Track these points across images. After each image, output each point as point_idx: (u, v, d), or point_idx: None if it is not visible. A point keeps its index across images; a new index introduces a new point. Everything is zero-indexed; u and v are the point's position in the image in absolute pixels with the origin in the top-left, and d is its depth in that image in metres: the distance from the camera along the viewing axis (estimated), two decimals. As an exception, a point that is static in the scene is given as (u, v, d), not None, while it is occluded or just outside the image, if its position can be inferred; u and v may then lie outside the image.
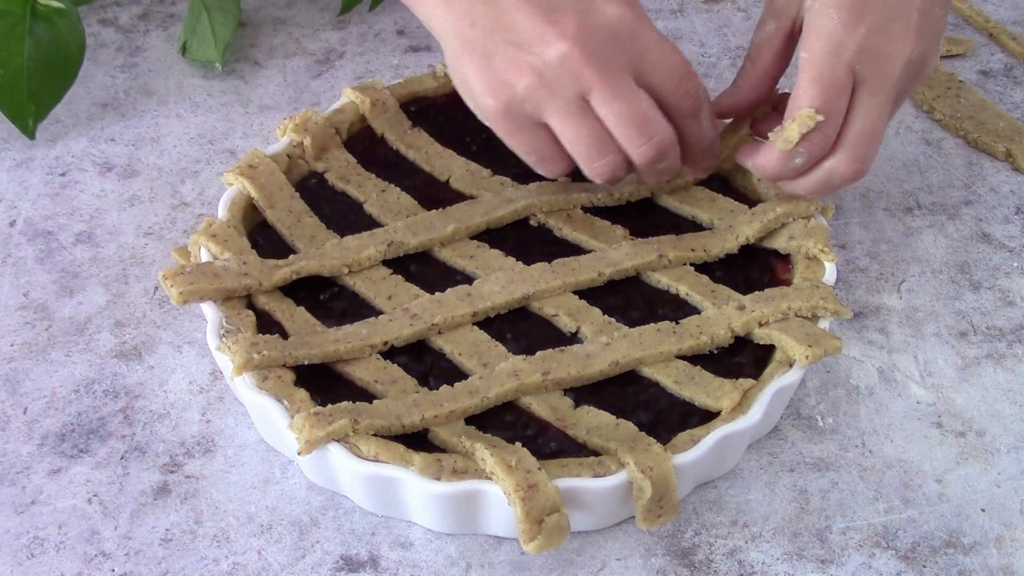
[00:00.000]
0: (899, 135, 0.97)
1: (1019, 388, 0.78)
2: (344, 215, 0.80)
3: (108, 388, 0.76)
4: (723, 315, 0.73)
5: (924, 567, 0.69)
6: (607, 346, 0.71)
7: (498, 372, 0.70)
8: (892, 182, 0.92)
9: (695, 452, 0.66)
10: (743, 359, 0.73)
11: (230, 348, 0.68)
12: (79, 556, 0.68)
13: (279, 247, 0.77)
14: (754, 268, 0.78)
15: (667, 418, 0.70)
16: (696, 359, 0.72)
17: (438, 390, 0.69)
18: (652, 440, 0.67)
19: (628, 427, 0.68)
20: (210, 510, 0.70)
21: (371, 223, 0.79)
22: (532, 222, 0.80)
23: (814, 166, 0.74)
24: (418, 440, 0.67)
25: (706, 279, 0.76)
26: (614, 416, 0.69)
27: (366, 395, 0.69)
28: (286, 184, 0.80)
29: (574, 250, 0.78)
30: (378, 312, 0.74)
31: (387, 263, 0.77)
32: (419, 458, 0.65)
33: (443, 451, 0.67)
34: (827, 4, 0.72)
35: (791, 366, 0.71)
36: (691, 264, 0.77)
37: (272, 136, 0.94)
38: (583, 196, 0.80)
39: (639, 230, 0.79)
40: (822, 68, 0.71)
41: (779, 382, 0.70)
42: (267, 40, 1.04)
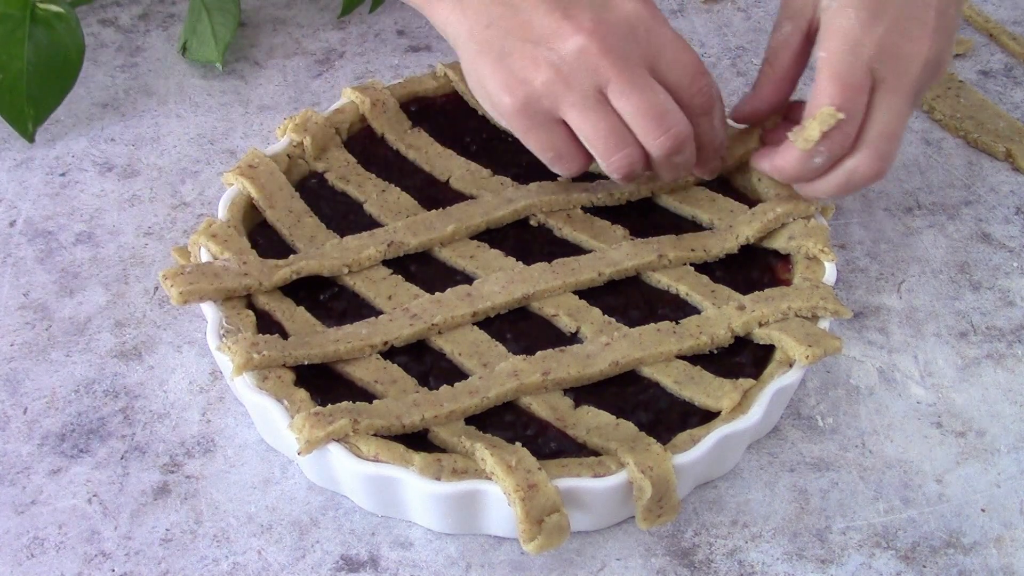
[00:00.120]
0: (899, 135, 0.97)
1: (1019, 388, 0.78)
2: (344, 215, 0.80)
3: (108, 388, 0.76)
4: (723, 315, 0.73)
5: (924, 567, 0.69)
6: (607, 346, 0.71)
7: (498, 372, 0.70)
8: (892, 182, 0.92)
9: (695, 452, 0.66)
10: (743, 359, 0.73)
11: (230, 348, 0.68)
12: (79, 556, 0.68)
13: (279, 247, 0.77)
14: (754, 268, 0.78)
15: (667, 418, 0.70)
16: (696, 359, 0.72)
17: (438, 390, 0.69)
18: (652, 440, 0.67)
19: (628, 427, 0.68)
20: (210, 510, 0.70)
21: (371, 223, 0.79)
22: (532, 222, 0.80)
23: (833, 166, 0.74)
24: (418, 440, 0.67)
25: (706, 279, 0.76)
26: (614, 416, 0.69)
27: (366, 395, 0.69)
28: (286, 184, 0.80)
29: (574, 250, 0.78)
30: (378, 312, 0.74)
31: (387, 263, 0.77)
32: (419, 458, 0.65)
33: (443, 451, 0.67)
34: (845, 4, 0.72)
35: (791, 366, 0.71)
36: (691, 264, 0.77)
37: (272, 136, 0.94)
38: (583, 196, 0.80)
39: (639, 230, 0.79)
40: (841, 67, 0.71)
41: (779, 382, 0.70)
42: (267, 40, 1.04)
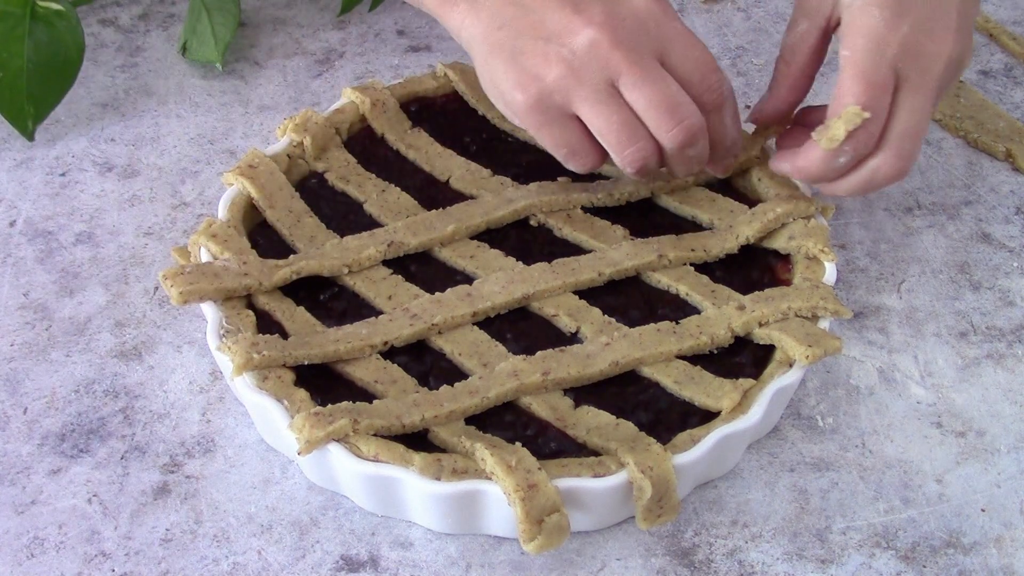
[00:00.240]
0: (899, 135, 0.97)
1: (1019, 388, 0.78)
2: (344, 215, 0.80)
3: (108, 388, 0.76)
4: (723, 315, 0.73)
5: (924, 567, 0.69)
6: (607, 346, 0.71)
7: (498, 372, 0.70)
8: (892, 182, 0.92)
9: (695, 452, 0.66)
10: (743, 359, 0.73)
11: (230, 348, 0.68)
12: (79, 556, 0.68)
13: (279, 247, 0.77)
14: (754, 268, 0.78)
15: (667, 418, 0.70)
16: (696, 359, 0.72)
17: (438, 390, 0.69)
18: (652, 440, 0.67)
19: (628, 427, 0.68)
20: (210, 510, 0.70)
21: (371, 223, 0.79)
22: (532, 222, 0.80)
23: (856, 166, 0.73)
24: (418, 440, 0.67)
25: (706, 279, 0.76)
26: (614, 416, 0.69)
27: (366, 395, 0.69)
28: (286, 184, 0.80)
29: (574, 250, 0.78)
30: (378, 312, 0.74)
31: (387, 263, 0.77)
32: (419, 458, 0.65)
33: (443, 451, 0.67)
34: (869, 1, 0.71)
35: (791, 366, 0.71)
36: (691, 264, 0.77)
37: (272, 136, 0.94)
38: (583, 196, 0.80)
39: (639, 230, 0.79)
40: (866, 65, 0.70)
41: (779, 382, 0.70)
42: (267, 40, 1.04)
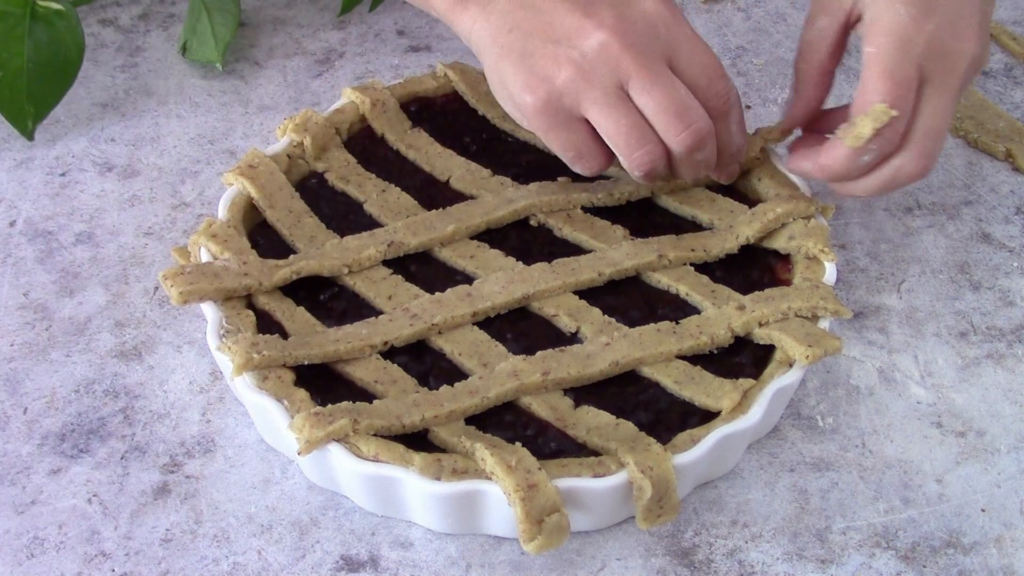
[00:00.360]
0: (899, 135, 0.97)
1: (1019, 388, 0.78)
2: (344, 215, 0.80)
3: (108, 388, 0.76)
4: (723, 315, 0.73)
5: (924, 567, 0.69)
6: (607, 346, 0.71)
7: (498, 372, 0.70)
8: (892, 182, 0.92)
9: (695, 452, 0.66)
10: (743, 359, 0.73)
11: (230, 348, 0.68)
12: (79, 556, 0.68)
13: (279, 247, 0.77)
14: (754, 268, 0.78)
15: (667, 418, 0.70)
16: (696, 359, 0.72)
17: (438, 390, 0.69)
18: (652, 440, 0.67)
19: (628, 427, 0.68)
20: (210, 510, 0.70)
21: (371, 223, 0.79)
22: (532, 222, 0.80)
23: (878, 165, 0.73)
24: (418, 440, 0.67)
25: (706, 279, 0.76)
26: (614, 416, 0.69)
27: (366, 395, 0.69)
28: (286, 184, 0.80)
29: (574, 250, 0.78)
30: (378, 312, 0.74)
31: (387, 263, 0.77)
32: (419, 458, 0.65)
33: (443, 451, 0.67)
34: None
35: (791, 366, 0.71)
36: (691, 264, 0.77)
37: (272, 136, 0.94)
38: (583, 196, 0.80)
39: (639, 230, 0.79)
40: (892, 63, 0.70)
41: (779, 382, 0.70)
42: (267, 40, 1.04)
